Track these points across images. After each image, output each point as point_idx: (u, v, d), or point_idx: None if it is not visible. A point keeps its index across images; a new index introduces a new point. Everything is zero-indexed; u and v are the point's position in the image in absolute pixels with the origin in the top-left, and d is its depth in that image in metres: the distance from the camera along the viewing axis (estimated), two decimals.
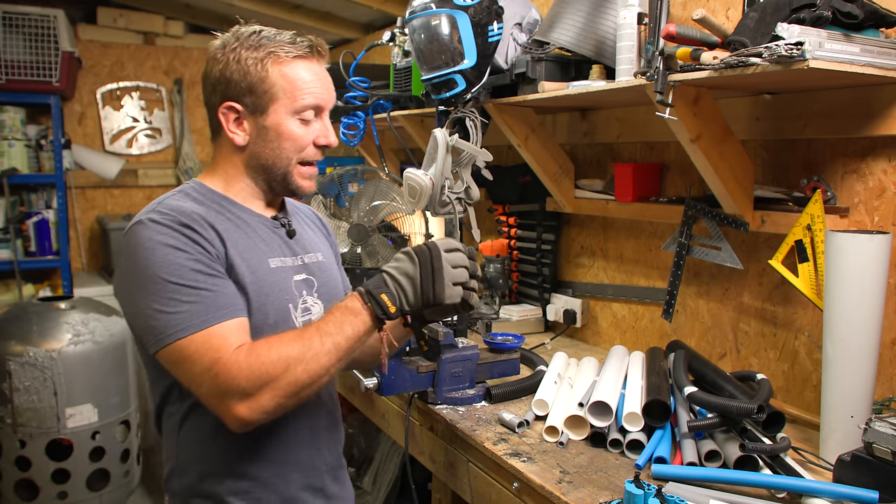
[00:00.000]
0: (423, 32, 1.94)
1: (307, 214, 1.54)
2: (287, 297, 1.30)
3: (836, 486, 1.23)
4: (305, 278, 1.36)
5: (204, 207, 1.25)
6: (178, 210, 1.21)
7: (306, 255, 1.39)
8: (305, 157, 1.30)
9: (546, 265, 2.53)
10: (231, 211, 1.29)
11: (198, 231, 1.19)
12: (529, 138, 2.24)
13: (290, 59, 1.25)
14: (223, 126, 1.28)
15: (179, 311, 1.12)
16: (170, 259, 1.14)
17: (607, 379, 1.67)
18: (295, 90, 1.25)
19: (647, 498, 1.11)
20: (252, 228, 1.30)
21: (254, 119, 1.27)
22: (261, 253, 1.28)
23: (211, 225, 1.22)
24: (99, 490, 2.84)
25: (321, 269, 1.41)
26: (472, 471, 1.66)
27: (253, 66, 1.23)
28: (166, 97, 4.52)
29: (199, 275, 1.15)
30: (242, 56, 1.24)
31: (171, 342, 1.12)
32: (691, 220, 1.89)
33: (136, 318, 1.17)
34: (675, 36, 1.47)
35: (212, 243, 1.20)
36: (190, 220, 1.19)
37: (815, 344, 1.67)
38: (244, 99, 1.25)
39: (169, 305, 1.12)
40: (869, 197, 1.57)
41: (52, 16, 3.66)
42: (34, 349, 2.68)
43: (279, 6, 3.89)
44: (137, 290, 1.15)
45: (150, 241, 1.15)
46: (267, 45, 1.24)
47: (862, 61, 1.33)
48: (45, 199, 3.98)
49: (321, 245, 1.48)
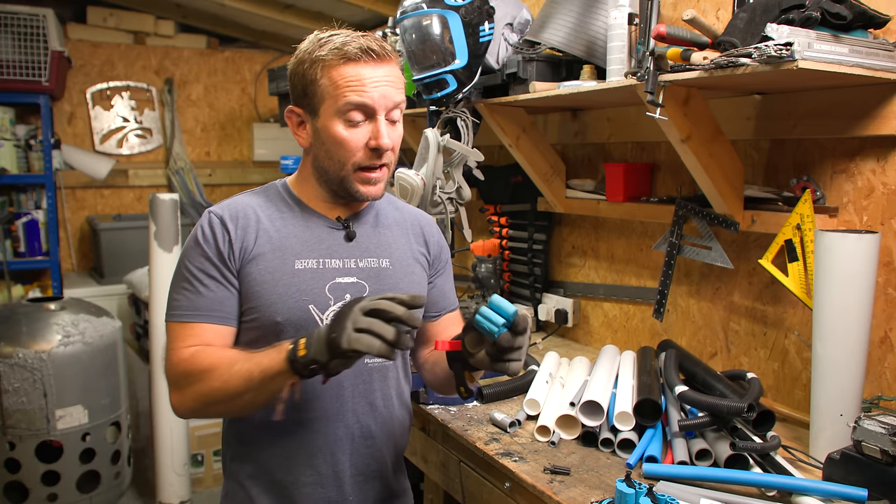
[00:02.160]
0: (414, 32, 1.94)
1: (406, 220, 1.47)
2: (306, 298, 1.29)
3: (826, 483, 1.24)
4: (354, 282, 1.34)
5: (265, 204, 1.35)
6: (233, 205, 1.33)
7: (364, 260, 1.36)
8: (360, 161, 1.28)
9: (537, 265, 2.53)
10: (291, 210, 1.35)
11: (229, 230, 1.28)
12: (521, 138, 2.24)
13: (338, 62, 1.25)
14: (291, 129, 1.35)
15: (176, 297, 1.28)
16: (193, 252, 1.28)
17: (598, 378, 1.67)
18: (337, 90, 1.25)
19: (638, 497, 1.12)
20: (300, 229, 1.33)
21: (311, 121, 1.31)
22: (292, 253, 1.31)
23: (257, 221, 1.31)
24: (89, 492, 2.82)
25: (379, 276, 1.37)
26: (464, 470, 1.66)
27: (308, 69, 1.27)
28: (157, 97, 4.50)
29: (201, 273, 1.27)
30: (304, 59, 1.29)
31: (167, 320, 1.29)
32: (682, 219, 1.90)
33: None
34: (665, 36, 1.47)
35: (239, 242, 1.28)
36: (231, 218, 1.30)
37: (805, 343, 1.68)
38: (301, 102, 1.31)
39: (176, 291, 1.29)
40: (858, 197, 1.58)
41: (41, 15, 3.63)
42: (23, 350, 2.66)
43: (270, 6, 3.88)
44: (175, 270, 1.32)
45: (196, 230, 1.31)
46: (321, 50, 1.26)
47: (850, 62, 1.34)
48: (35, 199, 3.95)
49: (400, 253, 1.41)
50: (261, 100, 4.73)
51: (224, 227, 1.28)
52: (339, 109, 1.25)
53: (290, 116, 1.34)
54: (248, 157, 4.78)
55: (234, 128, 4.73)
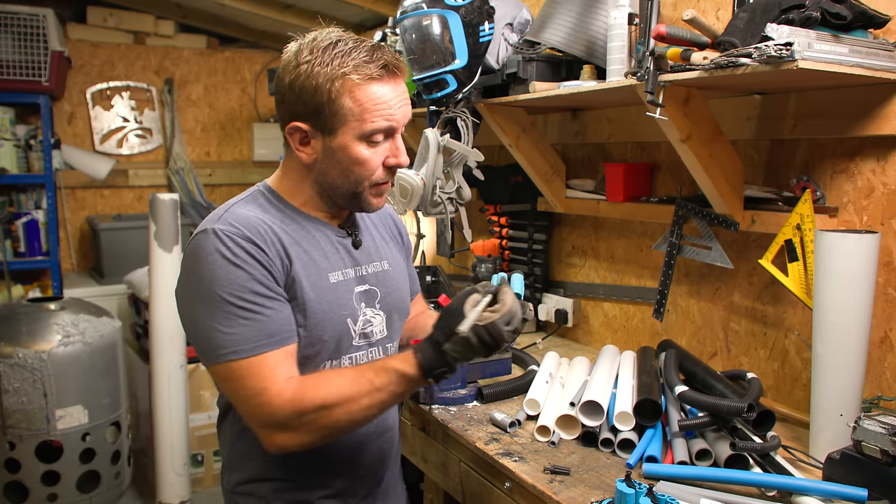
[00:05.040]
0: (414, 32, 1.94)
1: (379, 217, 1.49)
2: (345, 312, 1.28)
3: (826, 483, 1.24)
4: (367, 289, 1.33)
5: (270, 216, 1.24)
6: (245, 221, 1.19)
7: (370, 266, 1.36)
8: (378, 178, 1.25)
9: (537, 265, 2.53)
10: (296, 221, 1.27)
11: (262, 247, 1.18)
12: (521, 138, 2.24)
13: (364, 81, 1.17)
14: (290, 144, 1.25)
15: (234, 332, 1.13)
16: (232, 277, 1.14)
17: (598, 378, 1.67)
18: (364, 113, 1.18)
19: (638, 497, 1.12)
20: (315, 240, 1.28)
21: (322, 139, 1.22)
22: (322, 267, 1.26)
23: (278, 238, 1.21)
24: (89, 492, 2.82)
25: (385, 280, 1.38)
26: (464, 470, 1.66)
27: (324, 85, 1.17)
28: (157, 97, 4.49)
29: (257, 296, 1.15)
30: (315, 73, 1.17)
31: (222, 361, 1.14)
32: (682, 219, 1.90)
33: (193, 329, 1.18)
34: (665, 36, 1.47)
35: (275, 260, 1.19)
36: (256, 235, 1.18)
37: (805, 343, 1.68)
38: (312, 119, 1.20)
39: (225, 324, 1.13)
40: (858, 197, 1.58)
41: (41, 15, 3.63)
42: (24, 350, 2.66)
43: (270, 6, 3.88)
44: (197, 303, 1.16)
45: (214, 254, 1.15)
46: (341, 64, 1.17)
47: (850, 62, 1.34)
48: (35, 199, 3.95)
49: (389, 251, 1.44)
50: (261, 100, 4.73)
51: (254, 244, 1.17)
52: (366, 133, 1.20)
53: (291, 133, 1.23)
54: (248, 157, 4.78)
55: (234, 128, 4.73)
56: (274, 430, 1.15)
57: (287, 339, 1.19)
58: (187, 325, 1.20)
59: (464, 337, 1.14)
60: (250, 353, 1.14)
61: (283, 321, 1.18)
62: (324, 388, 1.15)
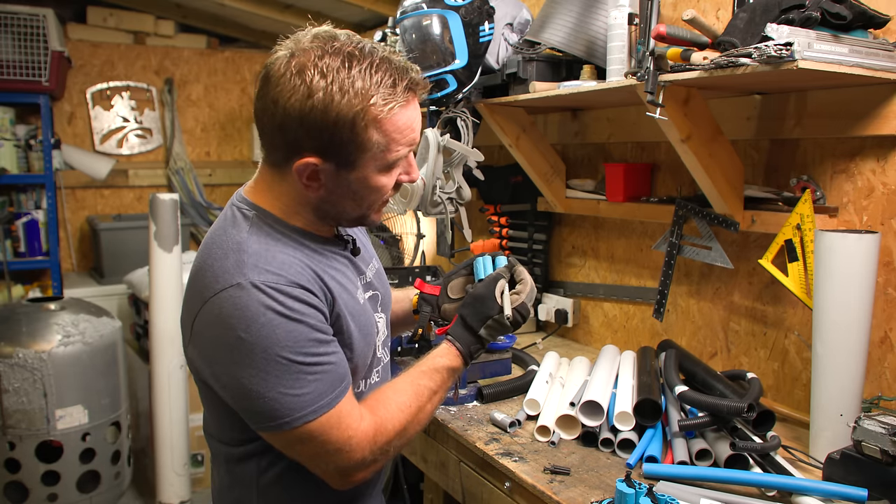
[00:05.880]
0: (414, 32, 1.94)
1: None
2: (374, 331, 1.25)
3: (826, 484, 1.24)
4: (373, 295, 1.29)
5: (291, 249, 1.11)
6: (281, 265, 1.06)
7: (368, 269, 1.31)
8: (388, 197, 1.19)
9: (537, 265, 2.53)
10: (309, 247, 1.15)
11: (312, 290, 1.07)
12: (521, 138, 2.24)
13: (395, 111, 1.05)
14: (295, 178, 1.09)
15: (307, 391, 1.03)
16: (295, 334, 1.02)
17: (598, 378, 1.67)
18: (391, 143, 1.07)
19: (638, 497, 1.11)
20: (333, 263, 1.18)
21: (337, 172, 1.08)
22: (351, 291, 1.18)
23: (315, 274, 1.10)
24: (89, 492, 2.82)
25: (380, 279, 1.35)
26: (464, 470, 1.66)
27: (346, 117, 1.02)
28: (157, 97, 4.50)
29: (321, 345, 1.06)
30: (333, 104, 1.01)
31: (298, 426, 1.03)
32: (682, 219, 1.90)
33: (246, 397, 1.03)
34: (665, 36, 1.47)
35: (323, 300, 1.09)
36: (300, 278, 1.06)
37: (805, 343, 1.68)
38: (327, 154, 1.06)
39: (295, 387, 1.02)
40: (858, 197, 1.58)
41: (41, 15, 3.64)
42: (24, 350, 2.66)
43: (270, 6, 3.88)
44: (251, 369, 1.01)
45: (266, 312, 1.01)
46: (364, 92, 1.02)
47: (850, 62, 1.34)
48: (35, 199, 3.95)
49: (369, 245, 1.38)
50: None
51: (304, 289, 1.06)
52: (389, 163, 1.10)
53: (301, 170, 1.07)
54: (248, 157, 4.78)
55: (234, 128, 4.73)
56: (357, 471, 1.10)
57: (349, 377, 1.12)
58: (234, 392, 1.05)
59: (501, 321, 1.28)
60: (328, 409, 1.04)
61: (343, 362, 1.11)
62: (394, 411, 1.15)
